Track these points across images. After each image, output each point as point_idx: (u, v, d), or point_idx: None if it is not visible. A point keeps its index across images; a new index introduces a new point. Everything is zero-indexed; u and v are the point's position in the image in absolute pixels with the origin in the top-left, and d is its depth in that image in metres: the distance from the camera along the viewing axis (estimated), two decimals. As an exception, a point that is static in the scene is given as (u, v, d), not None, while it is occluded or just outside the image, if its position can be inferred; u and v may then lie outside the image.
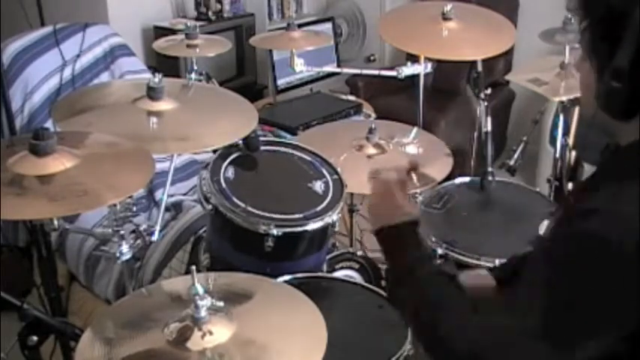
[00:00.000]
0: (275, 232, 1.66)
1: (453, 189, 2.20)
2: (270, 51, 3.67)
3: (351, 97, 3.56)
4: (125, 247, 1.66)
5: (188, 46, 2.47)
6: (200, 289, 1.14)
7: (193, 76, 2.53)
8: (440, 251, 1.89)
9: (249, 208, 1.69)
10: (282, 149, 1.97)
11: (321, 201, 1.78)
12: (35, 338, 1.32)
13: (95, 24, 3.09)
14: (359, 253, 2.06)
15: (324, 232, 1.76)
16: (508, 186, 2.25)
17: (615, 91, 1.02)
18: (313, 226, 1.71)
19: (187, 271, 2.00)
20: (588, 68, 1.07)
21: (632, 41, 1.00)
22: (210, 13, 3.97)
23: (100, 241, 2.22)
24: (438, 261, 1.90)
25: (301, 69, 2.46)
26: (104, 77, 2.97)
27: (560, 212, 1.17)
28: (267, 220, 1.68)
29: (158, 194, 2.57)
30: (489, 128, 2.25)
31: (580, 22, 1.08)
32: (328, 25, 4.09)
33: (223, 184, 1.75)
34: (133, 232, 1.72)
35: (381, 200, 1.25)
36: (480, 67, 2.29)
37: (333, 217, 1.74)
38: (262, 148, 1.91)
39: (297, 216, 1.71)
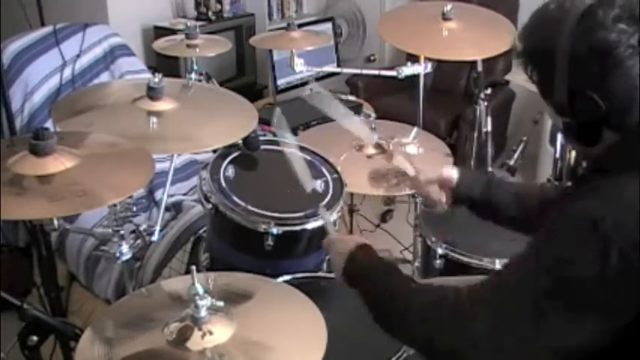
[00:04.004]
0: (275, 230, 1.66)
1: (453, 189, 2.19)
2: (270, 51, 3.67)
3: (351, 97, 3.56)
4: (125, 247, 1.66)
5: (188, 46, 2.47)
6: (200, 289, 1.14)
7: (193, 76, 2.53)
8: (440, 251, 1.89)
9: (249, 207, 1.69)
10: (282, 148, 1.97)
11: (321, 200, 1.78)
12: (35, 338, 1.32)
13: (95, 24, 3.09)
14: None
15: (323, 231, 1.76)
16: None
17: (569, 126, 1.06)
18: (313, 224, 1.71)
19: (187, 271, 2.00)
20: (550, 111, 1.11)
21: (563, 75, 1.02)
22: (210, 13, 3.97)
23: (100, 241, 2.22)
24: (438, 261, 1.90)
25: (301, 69, 2.46)
26: (104, 77, 2.97)
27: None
28: (267, 218, 1.68)
29: (158, 194, 2.57)
30: (489, 128, 2.25)
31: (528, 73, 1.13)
32: (328, 25, 4.09)
33: (223, 183, 1.75)
34: (133, 232, 1.72)
35: (332, 253, 1.34)
36: (480, 67, 2.30)
37: (333, 215, 1.74)
38: (262, 147, 1.91)
39: (297, 215, 1.72)
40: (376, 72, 2.68)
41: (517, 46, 1.13)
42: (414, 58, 2.41)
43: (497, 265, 1.78)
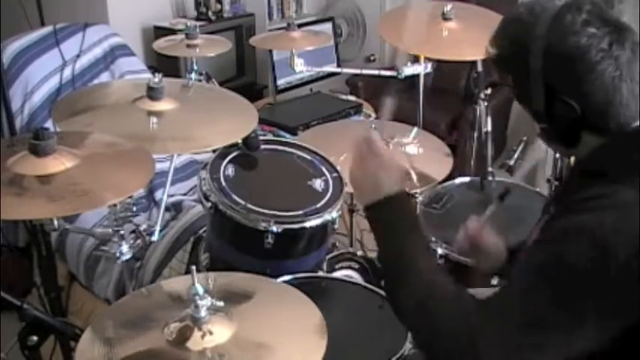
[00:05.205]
0: (275, 228, 1.66)
1: (453, 189, 2.20)
2: (270, 51, 3.67)
3: (351, 97, 3.56)
4: (125, 247, 1.66)
5: (188, 46, 2.47)
6: (200, 289, 1.14)
7: (193, 76, 2.53)
8: (440, 251, 1.89)
9: (249, 205, 1.69)
10: (282, 148, 1.97)
11: (321, 198, 1.78)
12: (35, 338, 1.32)
13: (95, 24, 3.09)
14: (359, 253, 2.06)
15: (323, 229, 1.76)
16: (508, 186, 2.25)
17: (546, 129, 1.07)
18: (313, 222, 1.71)
19: (187, 271, 2.00)
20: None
21: (537, 79, 1.02)
22: (210, 13, 3.97)
23: (100, 241, 2.22)
24: (438, 261, 1.90)
25: (301, 69, 2.46)
26: (104, 77, 2.97)
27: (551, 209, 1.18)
28: (266, 216, 1.67)
29: (158, 194, 2.57)
30: (489, 128, 2.25)
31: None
32: (328, 25, 4.09)
33: (223, 182, 1.75)
34: (133, 232, 1.72)
35: (363, 168, 1.22)
36: (480, 67, 2.29)
37: (332, 214, 1.74)
38: (262, 146, 1.91)
39: (297, 213, 1.71)
40: (376, 72, 2.68)
41: (489, 51, 1.13)
42: (413, 58, 2.41)
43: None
